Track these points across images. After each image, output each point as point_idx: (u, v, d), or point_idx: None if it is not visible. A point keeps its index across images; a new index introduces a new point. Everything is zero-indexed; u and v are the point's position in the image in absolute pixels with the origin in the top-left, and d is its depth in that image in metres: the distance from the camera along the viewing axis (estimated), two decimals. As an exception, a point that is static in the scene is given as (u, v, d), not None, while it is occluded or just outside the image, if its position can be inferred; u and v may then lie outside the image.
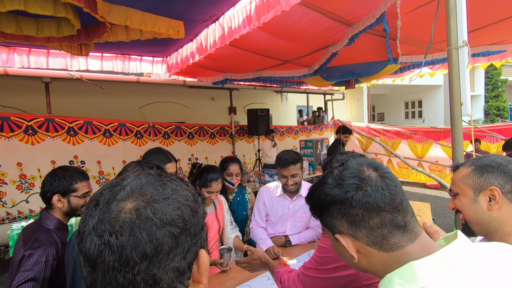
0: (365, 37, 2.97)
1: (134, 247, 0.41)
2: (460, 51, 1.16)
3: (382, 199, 0.58)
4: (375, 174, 0.61)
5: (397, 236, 0.58)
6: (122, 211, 0.43)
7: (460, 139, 1.17)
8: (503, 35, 3.51)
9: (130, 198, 0.45)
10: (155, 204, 0.44)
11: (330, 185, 0.63)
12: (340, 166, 0.65)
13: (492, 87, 15.62)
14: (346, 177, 0.61)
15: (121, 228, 0.42)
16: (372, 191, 0.58)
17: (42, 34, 2.03)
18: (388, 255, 0.58)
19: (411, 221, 0.59)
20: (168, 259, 0.43)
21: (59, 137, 3.99)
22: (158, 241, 0.42)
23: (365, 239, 0.59)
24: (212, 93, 8.06)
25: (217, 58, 3.59)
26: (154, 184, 0.47)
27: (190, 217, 0.47)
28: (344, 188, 0.60)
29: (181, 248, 0.44)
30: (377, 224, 0.58)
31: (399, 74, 5.59)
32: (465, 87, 1.13)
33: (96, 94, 5.48)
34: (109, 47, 3.49)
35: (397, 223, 0.58)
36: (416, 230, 0.59)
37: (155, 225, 0.43)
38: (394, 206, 0.58)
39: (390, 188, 0.59)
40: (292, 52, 3.54)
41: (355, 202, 0.59)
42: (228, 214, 2.08)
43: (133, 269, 0.41)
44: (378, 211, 0.58)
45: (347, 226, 0.60)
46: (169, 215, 0.44)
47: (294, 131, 7.29)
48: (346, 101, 11.88)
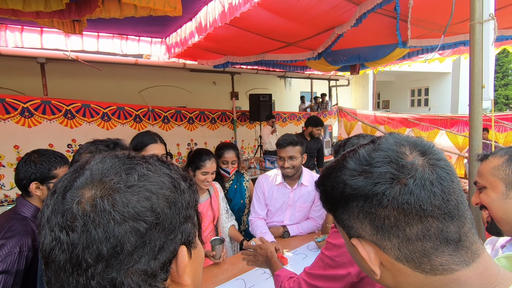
0: (374, 18, 2.80)
1: (87, 246, 0.34)
2: (485, 26, 1.03)
3: (430, 200, 0.40)
4: (421, 161, 0.42)
5: (445, 255, 0.40)
6: (75, 202, 0.36)
7: (479, 126, 1.06)
8: (521, 18, 3.31)
9: (88, 185, 0.37)
10: (114, 194, 0.36)
11: (352, 171, 0.44)
12: (369, 144, 0.46)
13: (502, 75, 15.21)
14: (377, 161, 0.42)
15: (73, 222, 0.35)
16: (416, 186, 0.40)
17: (29, 8, 1.91)
18: (428, 278, 0.41)
19: (469, 234, 0.41)
20: (131, 260, 0.35)
21: (56, 120, 3.91)
22: (116, 239, 0.35)
23: (396, 252, 0.42)
24: (214, 78, 7.90)
25: (218, 39, 3.44)
26: (117, 168, 0.39)
27: (164, 208, 0.38)
28: (373, 179, 0.42)
29: (149, 247, 0.36)
30: (417, 235, 0.40)
31: (407, 60, 5.38)
32: (489, 68, 1.01)
33: (93, 76, 5.35)
34: (105, 26, 3.35)
35: (447, 236, 0.40)
36: (475, 249, 0.41)
37: (114, 220, 0.35)
38: (447, 210, 0.40)
39: (443, 184, 0.41)
40: (296, 34, 3.37)
41: (387, 200, 0.41)
42: (224, 202, 2.00)
43: (86, 272, 0.34)
44: (421, 216, 0.40)
45: (371, 231, 0.43)
46: (133, 207, 0.36)
47: (296, 117, 7.16)
48: (351, 87, 11.64)
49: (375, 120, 7.69)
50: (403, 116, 7.35)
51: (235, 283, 1.40)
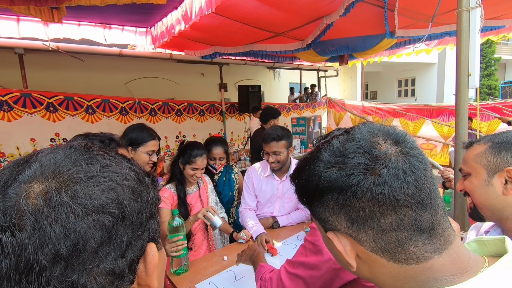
0: (362, 7, 2.78)
1: (40, 245, 0.29)
2: (472, 13, 1.03)
3: (403, 189, 0.40)
4: (395, 150, 0.41)
5: (419, 244, 0.40)
6: (23, 197, 0.31)
7: (465, 114, 1.07)
8: (504, 9, 3.37)
9: (38, 178, 0.33)
10: (75, 185, 0.32)
11: (325, 163, 0.43)
12: (343, 135, 0.45)
13: (485, 66, 15.57)
14: (350, 152, 0.42)
15: (20, 220, 0.30)
16: (389, 176, 0.39)
17: (2, -6, 1.80)
18: (402, 268, 0.41)
19: (441, 221, 0.41)
20: (96, 259, 0.31)
21: (38, 113, 3.77)
22: (78, 235, 0.30)
23: (371, 243, 0.42)
24: (202, 69, 7.77)
25: (205, 29, 3.36)
26: (75, 159, 0.35)
27: (130, 201, 0.35)
28: (347, 170, 0.41)
29: (116, 243, 0.33)
30: (391, 225, 0.40)
31: (394, 50, 5.42)
32: (475, 56, 1.02)
33: (76, 67, 5.17)
34: (86, 14, 3.20)
35: (421, 225, 0.40)
36: (447, 236, 0.41)
37: (74, 213, 0.31)
38: (420, 199, 0.40)
39: (416, 173, 0.40)
40: (284, 23, 3.33)
41: (361, 192, 0.40)
42: (213, 195, 1.98)
43: (39, 277, 0.29)
44: (395, 206, 0.40)
45: (346, 223, 0.43)
46: (97, 198, 0.32)
47: (286, 108, 7.15)
48: (340, 78, 11.69)
49: (363, 111, 7.77)
50: (390, 106, 7.46)
51: (225, 275, 1.40)
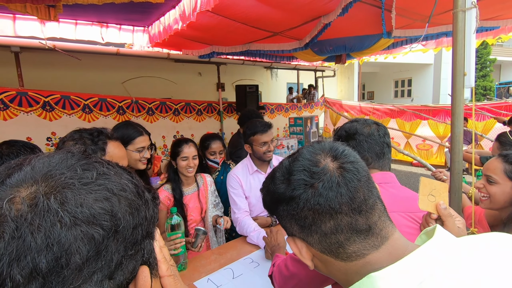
0: (359, 7, 2.80)
1: (17, 257, 0.26)
2: (468, 14, 1.05)
3: (337, 199, 0.46)
4: (332, 165, 0.49)
5: (357, 243, 0.47)
6: (6, 201, 0.28)
7: (460, 113, 1.08)
8: (498, 10, 3.40)
9: (27, 182, 0.30)
10: (66, 191, 0.30)
11: (277, 179, 0.52)
12: (292, 156, 0.54)
13: (480, 67, 15.71)
14: (294, 170, 0.50)
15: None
16: (324, 188, 0.46)
17: (-2, -8, 1.78)
18: (347, 265, 0.48)
19: (378, 222, 0.48)
20: (79, 277, 0.28)
21: (34, 112, 3.74)
22: (62, 248, 0.27)
23: (319, 245, 0.49)
24: (199, 68, 7.76)
25: (203, 28, 3.36)
26: (71, 164, 0.33)
27: (125, 214, 0.32)
28: (291, 185, 0.49)
29: (105, 262, 0.29)
30: (331, 230, 0.47)
31: (391, 50, 5.45)
32: (470, 56, 1.03)
33: (73, 67, 5.14)
34: (83, 13, 3.19)
35: (357, 228, 0.46)
36: (384, 233, 0.47)
37: (61, 222, 0.28)
38: (354, 206, 0.46)
39: (349, 184, 0.47)
40: (282, 23, 3.33)
41: (302, 203, 0.47)
42: (213, 196, 1.98)
43: None
44: (331, 214, 0.46)
45: (298, 229, 0.50)
46: (89, 207, 0.29)
47: (284, 108, 7.16)
48: (337, 78, 11.73)
49: (361, 111, 7.81)
50: (387, 106, 7.49)
51: (223, 273, 1.40)
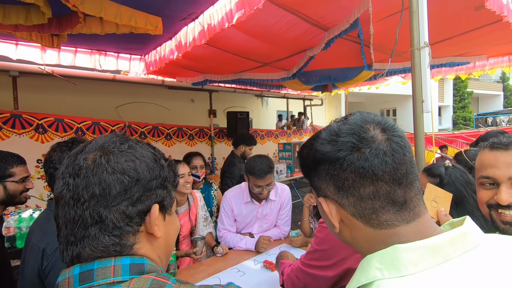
0: (341, 43, 3.08)
1: (86, 187, 0.48)
2: (422, 52, 1.24)
3: (381, 167, 0.47)
4: (381, 136, 0.49)
5: (390, 213, 0.48)
6: (83, 159, 0.51)
7: (421, 136, 1.25)
8: (466, 47, 3.78)
9: (92, 150, 0.52)
10: (110, 155, 0.51)
11: (322, 140, 0.52)
12: (340, 120, 0.54)
13: (459, 99, 16.65)
14: (343, 133, 0.50)
15: (79, 171, 0.50)
16: (371, 154, 0.48)
17: (9, 21, 1.93)
18: (375, 232, 0.50)
19: (414, 199, 0.50)
20: (115, 201, 0.49)
21: (26, 134, 3.78)
22: (106, 184, 0.49)
23: (352, 209, 0.50)
24: (192, 95, 7.98)
25: (197, 58, 3.58)
26: (114, 140, 0.54)
27: (144, 171, 0.52)
28: (337, 146, 0.50)
29: (129, 195, 0.50)
30: (368, 195, 0.49)
31: (374, 82, 5.82)
32: (426, 85, 1.21)
33: (68, 91, 5.26)
34: (84, 42, 3.38)
35: (394, 198, 0.48)
36: (418, 211, 0.50)
37: (106, 171, 0.49)
38: (396, 177, 0.48)
39: (395, 155, 0.48)
40: (271, 55, 3.60)
41: (346, 164, 0.49)
42: (203, 211, 2.06)
43: (82, 205, 0.48)
44: (373, 180, 0.48)
45: (333, 190, 0.52)
46: (121, 164, 0.50)
47: (274, 134, 7.36)
48: (325, 107, 12.17)
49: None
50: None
51: (211, 281, 1.47)
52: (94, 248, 0.48)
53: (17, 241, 2.58)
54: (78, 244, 0.48)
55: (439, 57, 3.99)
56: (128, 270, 0.48)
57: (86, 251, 0.48)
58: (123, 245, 0.50)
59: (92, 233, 0.48)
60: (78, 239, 0.48)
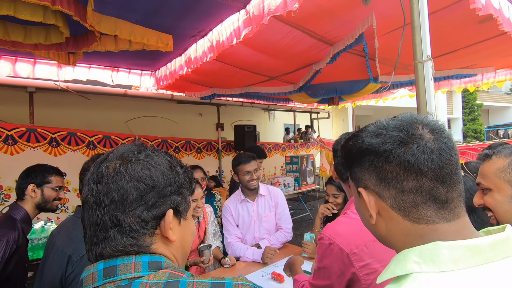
0: (347, 57, 3.13)
1: (106, 192, 0.54)
2: (425, 65, 1.27)
3: (427, 163, 0.48)
4: (429, 136, 0.50)
5: (431, 209, 0.49)
6: (105, 167, 0.56)
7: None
8: (473, 60, 3.79)
9: (114, 159, 0.58)
10: (128, 163, 0.56)
11: (371, 132, 0.54)
12: (391, 118, 0.56)
13: (469, 111, 16.45)
14: (391, 127, 0.52)
15: (101, 178, 0.55)
16: (418, 150, 0.49)
17: (30, 41, 2.05)
18: (413, 226, 0.50)
19: (456, 200, 0.50)
20: (131, 207, 0.54)
21: (40, 147, 3.90)
22: (124, 191, 0.54)
23: (392, 200, 0.51)
24: (200, 109, 8.12)
25: (205, 72, 3.68)
26: (132, 150, 0.60)
27: (159, 178, 0.57)
28: (385, 139, 0.51)
29: (145, 201, 0.55)
30: (411, 188, 0.49)
31: (381, 94, 5.84)
32: (430, 98, 1.23)
33: (81, 106, 5.43)
34: (98, 58, 3.52)
35: (436, 196, 0.49)
36: (458, 211, 0.50)
37: (124, 179, 0.54)
38: (440, 175, 0.49)
39: (442, 154, 0.49)
40: (278, 69, 3.68)
41: (392, 157, 0.50)
42: (213, 226, 2.09)
43: (103, 210, 0.53)
44: (417, 174, 0.49)
45: (375, 181, 0.53)
46: (137, 172, 0.55)
47: (281, 147, 7.38)
48: (332, 120, 12.18)
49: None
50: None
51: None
52: (114, 248, 0.53)
53: (28, 252, 2.62)
54: (100, 245, 0.53)
55: (445, 69, 4.00)
56: (147, 267, 0.52)
57: (107, 251, 0.53)
58: (140, 246, 0.54)
59: (111, 235, 0.53)
60: (100, 240, 0.54)
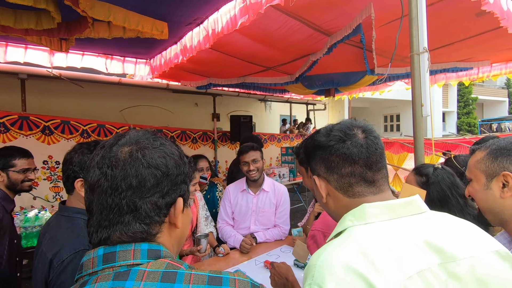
0: (344, 48, 3.11)
1: (124, 178, 0.53)
2: (421, 57, 1.27)
3: (358, 154, 0.66)
4: (361, 134, 0.68)
5: (362, 187, 0.67)
6: (119, 151, 0.55)
7: (421, 138, 1.27)
8: (469, 53, 3.79)
9: (128, 144, 0.57)
10: (145, 150, 0.56)
11: (320, 134, 0.73)
12: (337, 124, 0.75)
13: (463, 105, 16.57)
14: (334, 130, 0.70)
15: (116, 163, 0.54)
16: (352, 145, 0.66)
17: (20, 26, 1.99)
18: (351, 200, 0.67)
19: (381, 180, 0.68)
20: (148, 193, 0.54)
21: (33, 135, 3.85)
22: (142, 177, 0.54)
23: (335, 183, 0.69)
24: (195, 99, 8.05)
25: (201, 62, 3.63)
26: (148, 137, 0.59)
27: (172, 167, 0.58)
28: (330, 138, 0.69)
29: (160, 188, 0.56)
30: (347, 173, 0.67)
31: (377, 87, 5.84)
32: (425, 90, 1.23)
33: (75, 94, 5.34)
34: (91, 46, 3.45)
35: (365, 177, 0.66)
36: (382, 188, 0.67)
37: (142, 165, 0.54)
38: (368, 163, 0.66)
39: (369, 148, 0.67)
40: (274, 59, 3.64)
41: (334, 150, 0.68)
42: (204, 210, 2.09)
43: (120, 195, 0.53)
44: (351, 163, 0.66)
45: (324, 170, 0.70)
46: (155, 160, 0.56)
47: (276, 138, 7.39)
48: (328, 112, 12.18)
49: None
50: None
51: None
52: (124, 233, 0.53)
53: (23, 240, 2.62)
54: (111, 228, 0.53)
55: (442, 62, 4.00)
56: (146, 255, 0.53)
57: (116, 235, 0.53)
58: (149, 233, 0.55)
59: (126, 220, 0.53)
60: (112, 223, 0.53)
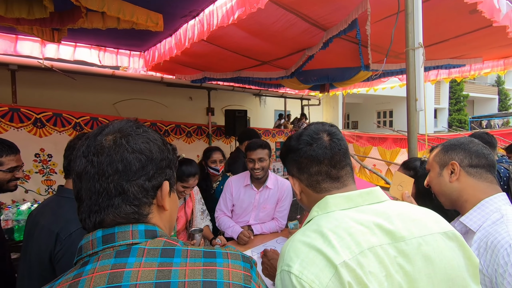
0: (339, 43, 3.12)
1: (109, 163, 0.56)
2: (416, 52, 1.29)
3: (323, 155, 0.75)
4: (326, 138, 0.78)
5: (328, 183, 0.76)
6: (104, 139, 0.58)
7: (415, 132, 1.29)
8: (462, 50, 3.84)
9: (111, 132, 0.59)
10: (128, 137, 0.59)
11: (293, 138, 0.83)
12: (305, 128, 0.84)
13: (455, 101, 16.80)
14: (303, 135, 0.80)
15: (102, 150, 0.56)
16: (317, 147, 0.76)
17: (11, 15, 1.94)
18: (319, 196, 0.76)
19: (345, 176, 0.77)
20: (135, 176, 0.57)
21: (25, 128, 3.78)
22: (127, 161, 0.57)
23: (306, 181, 0.78)
24: (190, 93, 7.98)
25: (196, 55, 3.61)
26: (130, 125, 0.62)
27: (156, 152, 0.61)
28: (299, 142, 0.79)
29: (145, 172, 0.58)
30: (315, 172, 0.77)
31: (372, 83, 5.88)
32: (420, 84, 1.26)
33: (67, 86, 5.25)
34: (84, 36, 3.39)
35: (330, 175, 0.76)
36: (346, 183, 0.77)
37: (127, 150, 0.57)
38: (332, 163, 0.76)
39: (333, 150, 0.76)
40: (270, 53, 3.63)
41: (302, 153, 0.78)
42: (200, 204, 2.09)
43: (107, 179, 0.55)
44: (317, 163, 0.76)
45: (296, 170, 0.81)
46: (139, 145, 0.59)
47: (271, 133, 7.40)
48: (322, 107, 12.23)
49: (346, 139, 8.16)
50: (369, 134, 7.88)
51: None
52: (117, 215, 0.56)
53: (15, 233, 2.60)
54: (103, 212, 0.56)
55: (435, 58, 4.05)
56: (144, 234, 0.56)
57: (110, 217, 0.56)
58: (140, 214, 0.58)
59: (116, 203, 0.56)
60: (103, 207, 0.56)
